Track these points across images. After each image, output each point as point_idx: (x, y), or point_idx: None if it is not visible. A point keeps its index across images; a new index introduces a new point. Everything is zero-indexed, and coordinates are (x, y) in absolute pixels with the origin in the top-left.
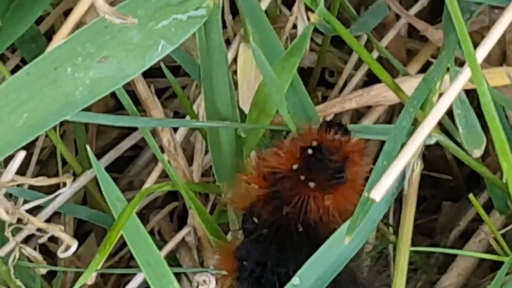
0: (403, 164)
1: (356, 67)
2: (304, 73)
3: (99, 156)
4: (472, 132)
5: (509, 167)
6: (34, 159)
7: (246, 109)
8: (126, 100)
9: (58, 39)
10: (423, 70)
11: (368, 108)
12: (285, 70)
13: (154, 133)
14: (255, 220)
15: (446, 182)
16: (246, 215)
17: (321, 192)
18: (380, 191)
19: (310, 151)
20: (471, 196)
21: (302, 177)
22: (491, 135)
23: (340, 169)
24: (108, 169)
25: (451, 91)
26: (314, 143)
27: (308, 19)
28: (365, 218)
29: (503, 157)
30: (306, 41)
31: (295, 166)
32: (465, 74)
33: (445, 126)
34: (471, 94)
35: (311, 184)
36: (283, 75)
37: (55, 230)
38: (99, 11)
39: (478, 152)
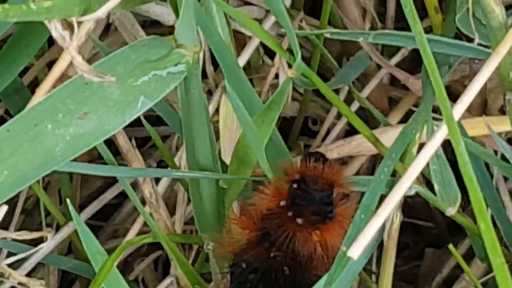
0: (381, 221)
1: (339, 116)
2: (286, 122)
3: (84, 205)
4: (447, 188)
5: (487, 228)
6: (18, 209)
7: (227, 160)
8: (106, 154)
9: (40, 94)
10: (405, 118)
11: (351, 156)
12: (264, 123)
13: (136, 184)
14: (243, 265)
15: (429, 229)
16: (235, 259)
17: (309, 228)
18: (358, 248)
19: (295, 185)
20: (451, 246)
21: (290, 214)
22: None
23: (327, 201)
24: (93, 217)
25: (429, 148)
26: (297, 176)
27: None
28: (343, 271)
29: (480, 217)
30: (284, 95)
31: (282, 203)
32: (442, 131)
33: (426, 176)
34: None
35: (299, 220)
36: (262, 128)
37: (36, 284)
38: (78, 69)
39: (452, 210)
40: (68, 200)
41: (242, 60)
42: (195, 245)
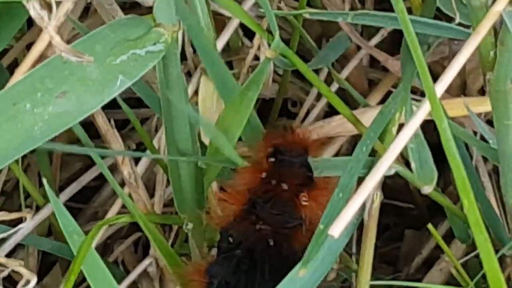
0: (362, 199)
1: (318, 97)
2: (265, 104)
3: (64, 187)
4: (424, 167)
5: (470, 205)
6: None
7: (207, 141)
8: (82, 135)
9: (19, 75)
10: (384, 100)
11: (331, 138)
12: (243, 103)
13: (116, 166)
14: (230, 239)
15: (409, 210)
16: (222, 234)
17: (296, 191)
18: (338, 227)
19: (271, 156)
20: (430, 226)
21: (273, 182)
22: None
23: (305, 164)
24: (73, 199)
25: (410, 127)
26: (272, 147)
27: None
28: (324, 251)
29: (464, 194)
30: (263, 75)
31: (263, 175)
32: (424, 109)
33: (406, 157)
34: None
35: (284, 186)
36: (241, 109)
37: (15, 264)
38: (56, 49)
39: (428, 188)
40: (45, 181)
41: (221, 42)
42: (175, 226)
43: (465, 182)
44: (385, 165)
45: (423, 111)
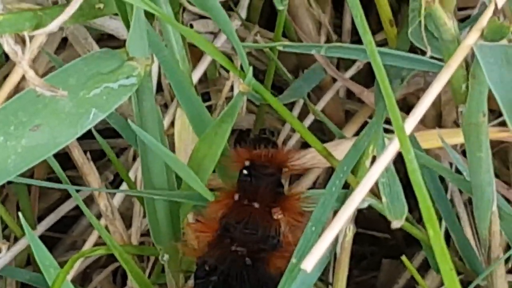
0: (334, 233)
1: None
2: (242, 134)
3: (42, 217)
4: (395, 202)
5: (436, 234)
6: None
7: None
8: (57, 169)
9: None
10: (360, 131)
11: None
12: (218, 136)
13: (92, 197)
14: (206, 267)
15: (386, 240)
16: (198, 262)
17: (267, 208)
18: (311, 261)
19: (245, 171)
20: (404, 258)
21: (245, 202)
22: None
23: (278, 182)
24: (52, 229)
25: (381, 161)
26: (247, 163)
27: None
28: (296, 285)
29: (429, 224)
30: (236, 109)
31: (236, 197)
32: (394, 144)
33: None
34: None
35: (255, 205)
36: (215, 141)
37: None
38: (30, 83)
39: (398, 223)
40: (20, 214)
41: (198, 73)
42: (153, 257)
43: (431, 212)
44: (357, 199)
45: (393, 146)
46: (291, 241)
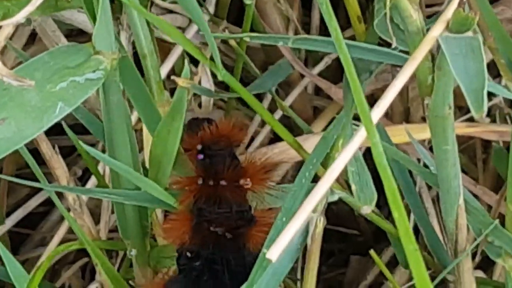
0: (300, 222)
1: (263, 124)
2: None
3: (10, 213)
4: (364, 189)
5: (400, 216)
6: None
7: None
8: (30, 160)
9: None
10: (328, 127)
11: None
12: (171, 134)
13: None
14: (188, 254)
15: (354, 236)
16: (179, 252)
17: (235, 182)
18: (276, 250)
19: (200, 156)
20: (372, 253)
21: (211, 183)
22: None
23: (233, 154)
24: (20, 225)
25: (346, 152)
26: (199, 147)
27: (215, 78)
28: (267, 276)
29: (394, 207)
30: (183, 104)
31: (200, 181)
32: (361, 134)
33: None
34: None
35: (222, 182)
36: (170, 139)
37: None
38: None
39: (367, 208)
40: None
41: (166, 68)
42: (121, 251)
43: (396, 194)
44: (324, 188)
45: (359, 136)
46: (265, 216)
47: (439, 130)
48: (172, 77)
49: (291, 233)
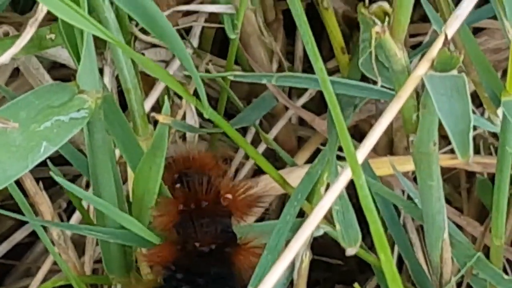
0: (287, 263)
1: (247, 156)
2: None
3: None
4: (348, 229)
5: (387, 259)
6: None
7: None
8: (18, 196)
9: None
10: (312, 158)
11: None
12: (152, 170)
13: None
14: (172, 268)
15: (339, 266)
16: (165, 273)
17: (215, 202)
18: None
19: (177, 185)
20: (356, 285)
21: (192, 206)
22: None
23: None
24: (5, 256)
25: (333, 190)
26: (176, 176)
27: (198, 112)
28: None
29: (381, 249)
30: (164, 140)
31: (180, 207)
32: (346, 173)
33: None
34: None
35: (203, 203)
36: (151, 176)
37: None
38: None
39: (352, 250)
40: None
41: (150, 101)
42: (104, 285)
43: (382, 237)
44: (310, 227)
45: (345, 175)
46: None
47: (424, 166)
48: (152, 114)
49: (278, 273)
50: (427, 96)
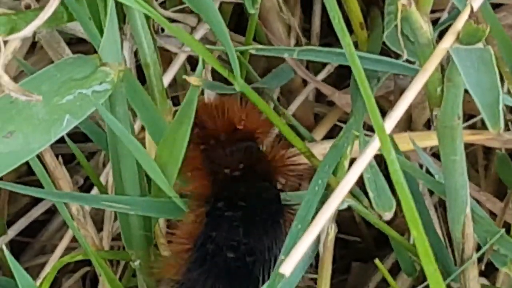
0: (313, 236)
1: None
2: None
3: (12, 222)
4: (382, 195)
5: (419, 235)
6: None
7: None
8: (40, 170)
9: None
10: (329, 134)
11: None
12: (177, 140)
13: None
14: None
15: (355, 243)
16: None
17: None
18: (289, 265)
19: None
20: (377, 261)
21: (212, 142)
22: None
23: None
24: (20, 233)
25: (361, 161)
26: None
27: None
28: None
29: (413, 225)
30: (193, 107)
31: (202, 147)
32: (374, 144)
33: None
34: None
35: (222, 136)
36: (176, 146)
37: None
38: (5, 88)
39: (388, 215)
40: None
41: (168, 77)
42: (122, 260)
43: (414, 212)
44: (338, 199)
45: (372, 146)
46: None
47: (447, 141)
48: (184, 76)
49: (305, 247)
50: (452, 69)
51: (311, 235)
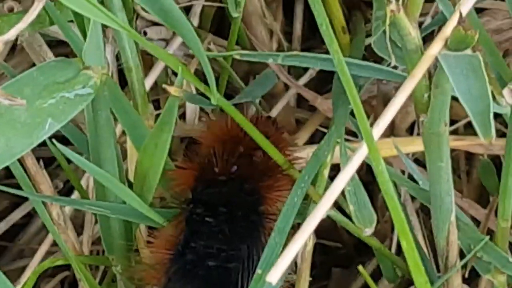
0: (298, 246)
1: None
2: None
3: None
4: (362, 209)
5: (409, 246)
6: None
7: None
8: (20, 174)
9: None
10: (311, 140)
11: None
12: (158, 147)
13: (44, 205)
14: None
15: (336, 249)
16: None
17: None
18: (276, 274)
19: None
20: (360, 267)
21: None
22: (377, 204)
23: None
24: None
25: (346, 171)
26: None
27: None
28: None
29: (402, 236)
30: (173, 115)
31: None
32: (361, 154)
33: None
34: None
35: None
36: (157, 153)
37: None
38: None
39: (369, 231)
40: None
41: (149, 81)
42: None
43: (404, 223)
44: (321, 211)
45: (359, 155)
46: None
47: (434, 147)
48: (164, 85)
49: (291, 257)
50: (440, 76)
51: (297, 244)
